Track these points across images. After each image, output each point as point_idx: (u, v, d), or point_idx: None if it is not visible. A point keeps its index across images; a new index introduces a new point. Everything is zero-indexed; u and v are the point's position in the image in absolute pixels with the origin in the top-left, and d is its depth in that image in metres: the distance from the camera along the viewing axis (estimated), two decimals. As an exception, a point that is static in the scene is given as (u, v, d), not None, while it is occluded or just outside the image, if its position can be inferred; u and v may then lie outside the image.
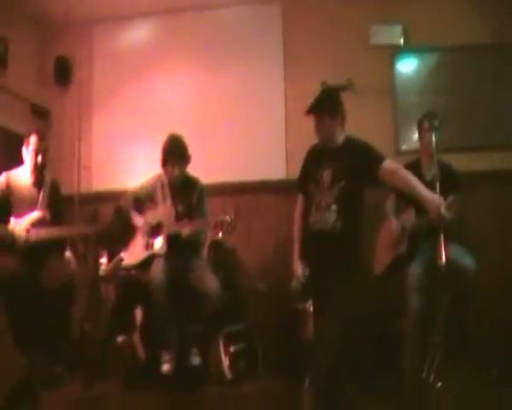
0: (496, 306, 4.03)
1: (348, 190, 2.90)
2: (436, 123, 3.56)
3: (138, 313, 3.83)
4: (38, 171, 3.74)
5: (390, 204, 3.88)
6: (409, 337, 3.36)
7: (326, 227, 2.90)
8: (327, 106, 3.04)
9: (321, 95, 3.12)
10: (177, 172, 3.75)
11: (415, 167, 3.49)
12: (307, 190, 3.11)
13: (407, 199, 3.20)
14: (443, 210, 2.68)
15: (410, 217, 3.62)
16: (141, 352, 3.73)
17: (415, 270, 3.45)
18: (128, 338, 3.78)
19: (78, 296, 3.65)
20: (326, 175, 2.96)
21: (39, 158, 3.71)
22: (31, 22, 5.14)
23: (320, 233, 2.93)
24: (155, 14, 5.14)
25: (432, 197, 2.75)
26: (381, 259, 3.78)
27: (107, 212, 4.49)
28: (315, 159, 3.14)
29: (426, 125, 3.72)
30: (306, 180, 3.13)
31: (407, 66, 4.76)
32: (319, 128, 3.05)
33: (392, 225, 3.75)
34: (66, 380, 3.45)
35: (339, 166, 2.94)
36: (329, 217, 2.90)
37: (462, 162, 3.95)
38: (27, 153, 3.74)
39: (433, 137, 3.39)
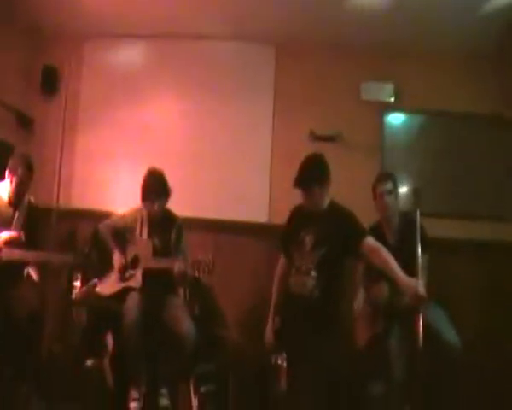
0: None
1: (329, 258, 2.92)
2: (389, 186, 3.39)
3: (109, 339, 3.75)
4: (16, 194, 3.61)
5: (359, 275, 3.55)
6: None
7: (304, 292, 2.92)
8: (316, 177, 3.00)
9: (309, 166, 3.04)
10: (156, 207, 3.69)
11: (378, 233, 3.30)
12: (288, 251, 3.12)
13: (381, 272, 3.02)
14: (421, 291, 2.70)
15: (382, 291, 3.24)
16: (109, 379, 3.65)
17: (393, 345, 3.16)
18: (97, 363, 3.71)
19: (48, 318, 3.61)
20: (308, 240, 2.98)
21: (20, 184, 3.58)
22: (20, 31, 5.00)
23: (298, 297, 2.95)
24: (148, 37, 5.02)
25: (408, 282, 2.74)
26: (360, 333, 3.38)
27: (84, 231, 4.45)
28: (298, 221, 3.14)
29: (380, 189, 3.43)
30: (288, 241, 3.14)
31: (396, 124, 4.69)
32: (308, 199, 3.02)
33: (360, 304, 3.44)
34: (31, 400, 3.35)
35: (321, 233, 2.95)
36: (308, 282, 2.92)
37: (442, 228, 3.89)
38: (9, 172, 3.59)
39: (389, 200, 3.33)
